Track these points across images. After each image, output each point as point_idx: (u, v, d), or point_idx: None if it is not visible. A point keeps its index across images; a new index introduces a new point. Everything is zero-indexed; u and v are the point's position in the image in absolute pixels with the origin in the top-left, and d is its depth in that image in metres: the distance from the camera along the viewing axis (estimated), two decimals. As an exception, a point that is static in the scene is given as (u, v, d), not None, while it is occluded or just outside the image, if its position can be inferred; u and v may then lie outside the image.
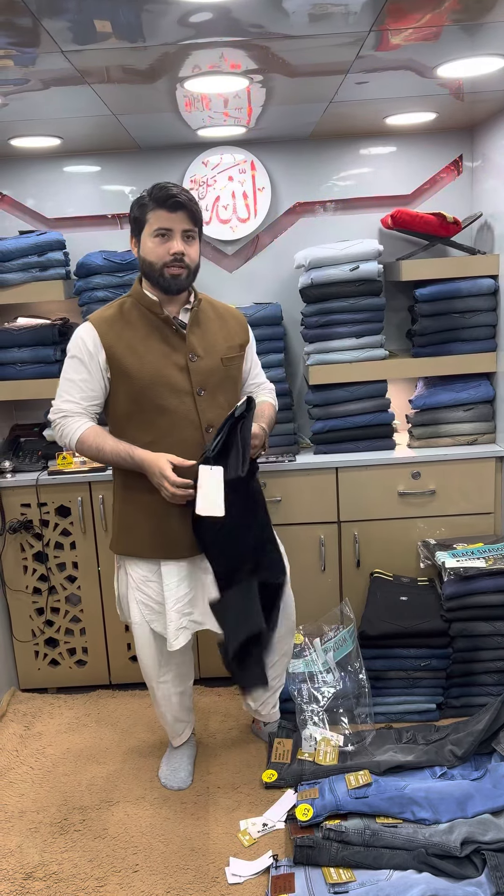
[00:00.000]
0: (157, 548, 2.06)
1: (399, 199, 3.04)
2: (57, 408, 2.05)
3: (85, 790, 2.34)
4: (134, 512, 2.06)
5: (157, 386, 1.98)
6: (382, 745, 2.34)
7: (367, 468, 2.74)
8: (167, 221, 1.95)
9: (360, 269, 2.70)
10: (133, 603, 2.11)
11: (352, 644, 2.47)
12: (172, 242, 1.96)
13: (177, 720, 2.31)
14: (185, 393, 2.00)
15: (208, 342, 2.07)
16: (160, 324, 2.01)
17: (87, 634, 2.87)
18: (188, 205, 1.95)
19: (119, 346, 1.99)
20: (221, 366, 2.08)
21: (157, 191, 1.96)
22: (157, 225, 1.95)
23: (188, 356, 2.01)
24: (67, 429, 2.02)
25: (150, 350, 1.99)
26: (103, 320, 2.03)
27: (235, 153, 2.98)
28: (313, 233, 3.04)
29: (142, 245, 2.00)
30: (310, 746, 2.35)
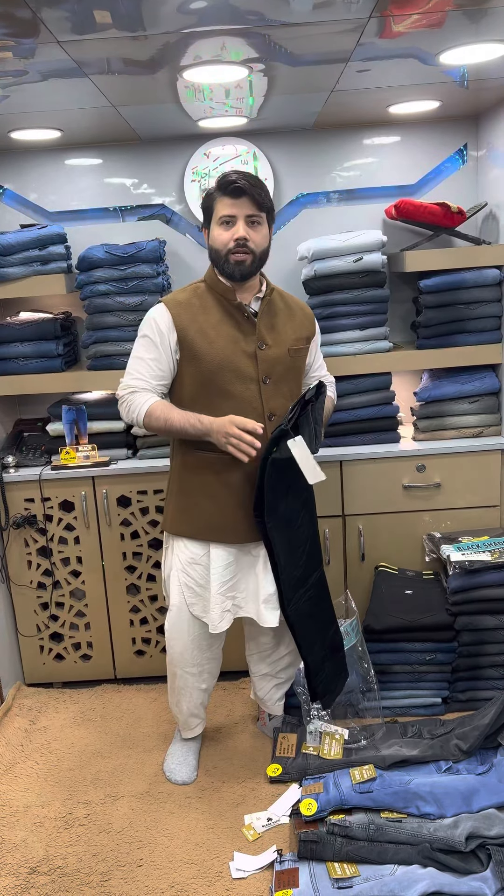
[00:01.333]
0: (210, 530, 2.09)
1: (403, 190, 3.01)
2: (125, 384, 2.09)
3: (90, 785, 2.35)
4: (192, 493, 2.09)
5: (225, 371, 2.02)
6: (388, 740, 2.34)
7: (371, 461, 2.73)
8: (230, 208, 1.99)
9: (363, 261, 2.69)
10: (175, 584, 2.14)
11: (355, 637, 2.46)
12: (236, 227, 2.00)
13: (191, 714, 2.32)
14: (251, 380, 2.04)
15: (277, 332, 2.10)
16: (232, 310, 2.05)
17: (91, 629, 2.87)
18: (250, 190, 1.99)
19: (191, 329, 2.02)
20: (288, 356, 2.11)
21: (221, 178, 2.02)
22: (221, 212, 2.01)
23: (258, 344, 2.05)
24: (135, 403, 2.05)
25: (220, 335, 2.03)
26: (177, 303, 2.06)
27: (237, 144, 2.96)
28: (316, 224, 3.02)
29: (210, 235, 2.06)
30: (314, 740, 2.35)
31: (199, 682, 2.25)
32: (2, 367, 2.80)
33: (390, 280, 2.96)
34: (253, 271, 2.06)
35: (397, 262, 2.85)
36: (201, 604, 2.13)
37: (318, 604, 2.16)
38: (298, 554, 2.09)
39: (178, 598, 2.14)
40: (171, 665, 2.24)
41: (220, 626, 2.12)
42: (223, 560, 2.10)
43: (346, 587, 2.80)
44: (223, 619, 2.12)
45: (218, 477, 2.07)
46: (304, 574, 2.10)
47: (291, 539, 2.07)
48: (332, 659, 2.20)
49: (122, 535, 2.79)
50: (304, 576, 2.11)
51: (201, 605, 2.13)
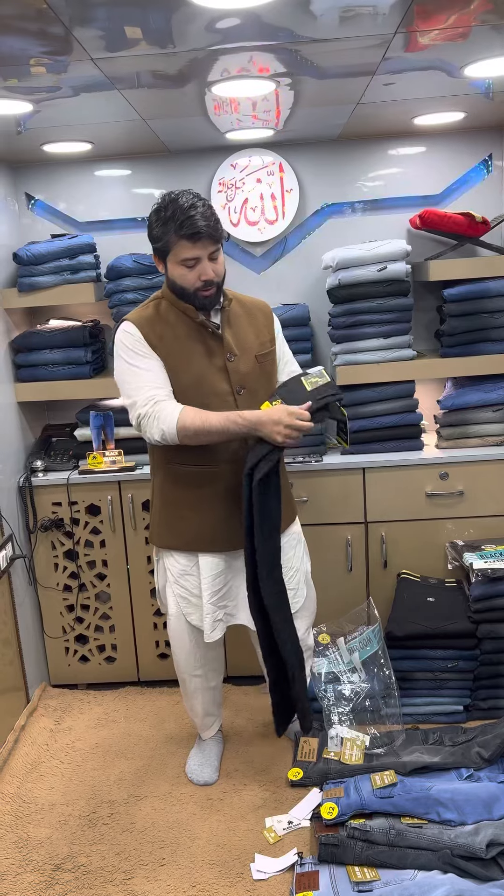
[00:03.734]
0: (197, 541, 2.09)
1: (428, 200, 3.02)
2: (142, 399, 1.95)
3: (113, 784, 2.38)
4: (177, 506, 2.09)
5: (201, 386, 2.01)
6: (409, 746, 2.34)
7: (394, 469, 2.74)
8: (191, 251, 1.94)
9: (387, 270, 2.70)
10: (171, 596, 2.16)
11: (377, 644, 2.46)
12: (201, 267, 1.96)
13: (207, 714, 2.35)
14: (226, 393, 2.03)
15: (241, 340, 2.09)
16: (197, 326, 2.04)
17: (116, 631, 2.91)
18: (211, 232, 1.93)
19: (162, 348, 2.00)
20: (257, 363, 2.11)
21: (179, 223, 1.91)
22: (182, 256, 1.95)
23: (226, 357, 2.04)
24: (163, 413, 1.93)
25: (190, 351, 2.02)
26: (144, 320, 2.03)
27: (264, 155, 2.99)
28: (341, 234, 3.04)
29: (170, 270, 2.01)
30: (336, 745, 2.36)
31: (207, 682, 2.28)
32: (32, 373, 2.86)
33: (414, 289, 2.97)
34: (219, 298, 2.04)
35: (421, 272, 2.86)
36: (197, 612, 2.14)
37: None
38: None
39: (174, 609, 2.17)
40: (179, 672, 2.28)
41: (212, 636, 2.13)
42: (212, 569, 2.10)
43: (368, 594, 2.80)
44: (215, 629, 2.13)
45: (201, 490, 2.05)
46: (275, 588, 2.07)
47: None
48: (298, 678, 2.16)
49: (146, 539, 2.82)
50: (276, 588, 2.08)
51: (197, 613, 2.14)
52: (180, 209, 1.92)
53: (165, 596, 2.19)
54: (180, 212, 1.92)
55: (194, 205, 1.94)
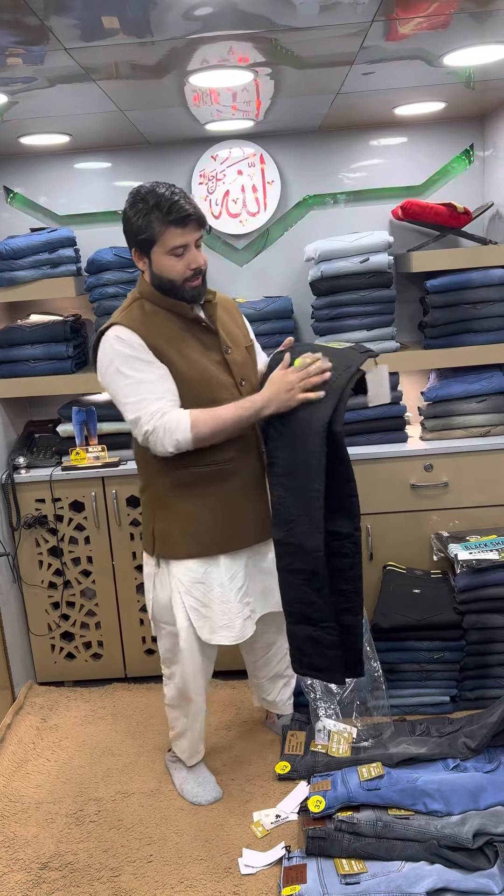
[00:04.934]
0: (216, 544, 2.03)
1: (410, 190, 3.02)
2: (147, 415, 1.88)
3: (100, 782, 2.37)
4: (191, 512, 2.00)
5: (210, 383, 1.96)
6: (396, 738, 2.34)
7: (379, 461, 2.74)
8: (181, 237, 1.88)
9: (370, 261, 2.69)
10: (180, 609, 2.04)
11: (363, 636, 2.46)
12: (190, 255, 1.91)
13: (200, 738, 2.27)
14: (231, 386, 2.00)
15: (230, 333, 2.07)
16: (189, 323, 1.98)
17: (102, 628, 2.89)
18: (199, 215, 1.91)
19: (166, 348, 1.92)
20: (248, 355, 2.09)
21: (165, 210, 1.86)
22: (173, 244, 1.88)
23: (223, 350, 2.01)
24: (173, 423, 1.87)
25: (192, 349, 1.96)
26: (139, 322, 1.93)
27: (244, 147, 2.97)
28: (323, 225, 3.03)
29: (155, 263, 1.92)
30: (323, 738, 2.36)
31: (204, 704, 2.21)
32: (13, 369, 2.83)
33: (397, 280, 2.97)
34: (205, 289, 2.00)
35: (404, 263, 2.86)
36: (207, 625, 2.06)
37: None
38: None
39: (185, 622, 2.05)
40: (185, 692, 2.14)
41: (245, 634, 2.07)
42: (231, 570, 2.05)
43: (355, 586, 2.81)
44: (245, 627, 2.07)
45: (216, 488, 1.99)
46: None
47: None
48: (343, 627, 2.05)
49: (131, 535, 2.81)
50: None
51: (208, 626, 2.06)
52: (163, 197, 1.88)
53: (173, 609, 2.06)
54: (164, 199, 1.87)
55: (174, 191, 1.90)
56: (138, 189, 1.93)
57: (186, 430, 1.88)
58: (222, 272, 3.10)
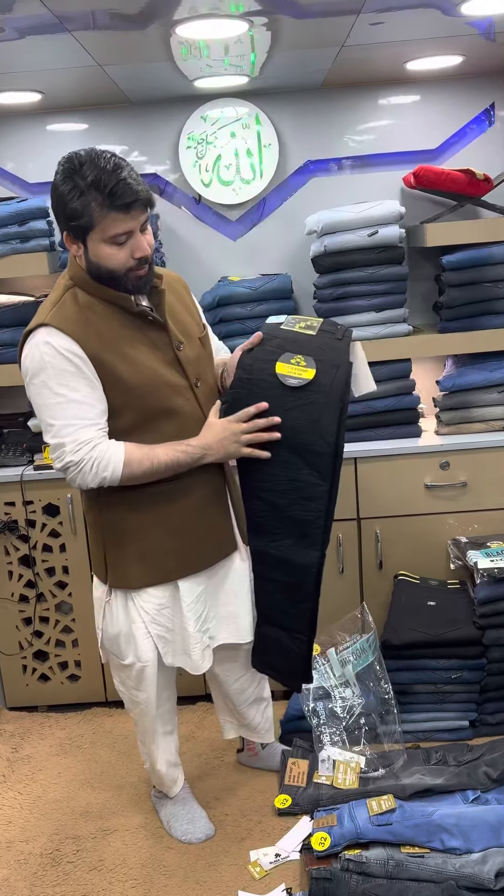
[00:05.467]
0: (179, 567, 2.03)
1: (423, 155, 3.02)
2: (73, 442, 1.83)
3: (79, 818, 2.37)
4: (148, 535, 1.99)
5: (161, 387, 1.91)
6: (409, 767, 2.35)
7: (389, 458, 2.74)
8: (125, 224, 1.78)
9: (379, 235, 2.70)
10: (144, 640, 2.04)
11: (372, 655, 2.47)
12: (134, 243, 1.82)
13: (171, 765, 2.27)
14: (185, 389, 1.96)
15: (181, 324, 2.01)
16: (132, 318, 1.91)
17: (79, 646, 2.90)
18: (148, 197, 1.82)
19: (105, 353, 1.85)
20: (202, 348, 2.05)
21: (108, 191, 1.74)
22: (114, 231, 1.78)
23: (174, 346, 1.95)
24: (104, 459, 1.84)
25: (137, 350, 1.90)
26: (72, 322, 1.83)
27: (238, 106, 2.97)
28: (326, 194, 3.04)
29: (92, 250, 1.82)
30: (327, 769, 2.37)
31: (166, 726, 2.21)
32: (-22, 356, 2.83)
33: (409, 256, 2.97)
34: (151, 277, 1.90)
35: (417, 236, 2.86)
36: (172, 649, 2.07)
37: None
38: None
39: (151, 654, 2.04)
40: (144, 722, 2.16)
41: (203, 666, 2.08)
42: (193, 593, 2.05)
43: (363, 599, 2.82)
44: (204, 658, 2.08)
45: (172, 506, 1.97)
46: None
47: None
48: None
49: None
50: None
51: (172, 649, 2.07)
52: (104, 173, 1.74)
53: (135, 643, 2.05)
54: (106, 176, 1.74)
55: (119, 165, 1.76)
56: (71, 158, 1.79)
57: (118, 468, 1.85)
58: (213, 247, 3.10)
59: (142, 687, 2.10)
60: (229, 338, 2.75)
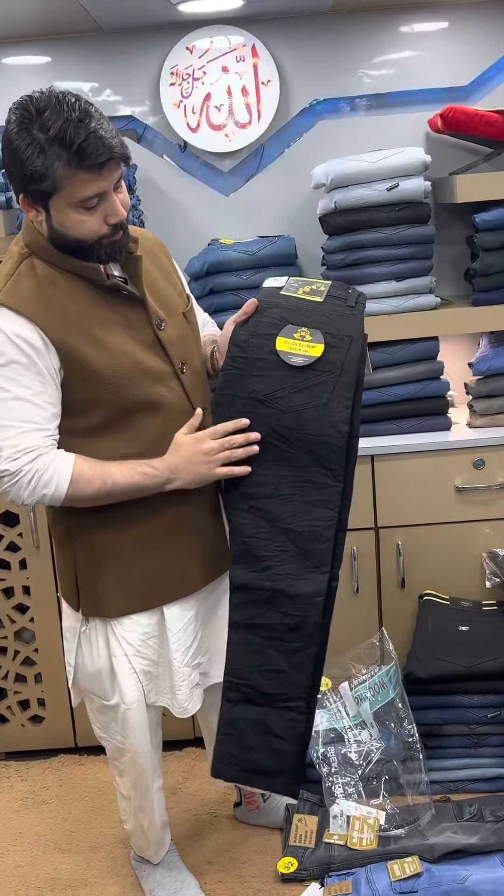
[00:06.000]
0: (165, 591, 2.01)
1: (453, 93, 3.01)
2: (14, 449, 1.80)
3: (44, 887, 2.36)
4: (127, 556, 1.98)
5: (139, 377, 1.88)
6: (438, 824, 2.35)
7: (413, 455, 2.74)
8: (96, 184, 1.74)
9: (400, 188, 2.68)
10: (128, 677, 2.02)
11: (393, 690, 2.47)
12: (107, 206, 1.79)
13: (163, 825, 2.25)
14: (169, 376, 1.94)
15: (162, 297, 1.98)
16: (103, 292, 1.88)
17: (43, 682, 2.89)
18: (122, 151, 1.77)
19: (71, 337, 1.82)
20: (186, 324, 2.02)
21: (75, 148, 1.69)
22: (83, 194, 1.74)
23: (154, 325, 1.92)
24: (47, 471, 1.81)
25: (110, 331, 1.87)
26: (31, 301, 1.80)
27: (231, 35, 2.97)
28: (337, 140, 3.03)
29: (56, 217, 1.78)
30: (340, 826, 2.36)
31: (158, 780, 2.20)
32: None
33: (436, 214, 2.96)
34: (127, 242, 1.87)
35: (445, 190, 2.85)
36: (156, 685, 2.06)
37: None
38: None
39: (135, 693, 2.03)
40: (131, 774, 2.14)
41: (190, 708, 2.06)
42: (181, 620, 2.03)
43: (381, 624, 2.81)
44: (193, 698, 2.06)
45: (156, 517, 1.96)
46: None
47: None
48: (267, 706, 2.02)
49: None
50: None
51: (156, 686, 2.06)
52: (70, 124, 1.68)
53: (107, 678, 2.03)
54: (72, 128, 1.68)
55: (87, 112, 1.71)
56: (26, 104, 1.72)
57: (62, 485, 1.82)
58: (201, 204, 3.09)
59: (129, 732, 2.08)
60: (221, 313, 2.74)
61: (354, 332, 1.93)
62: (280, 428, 1.92)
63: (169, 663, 2.04)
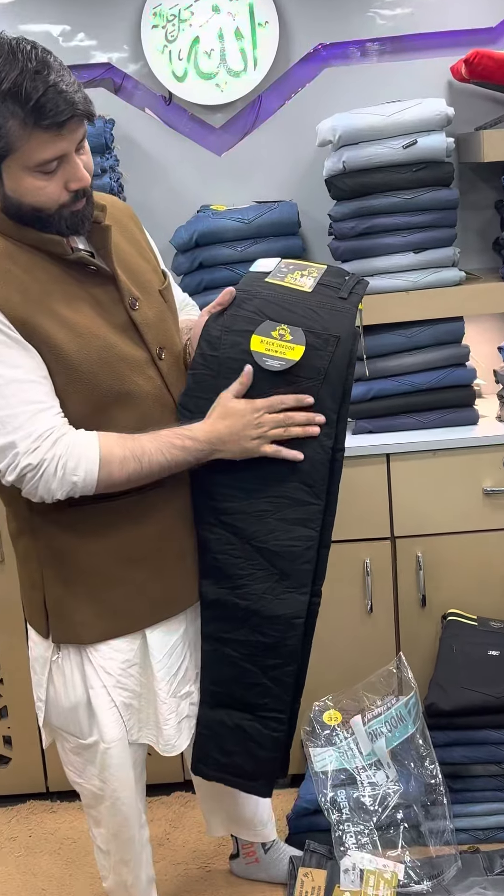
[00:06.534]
0: (149, 611, 2.01)
1: (479, 36, 3.03)
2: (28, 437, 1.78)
3: None
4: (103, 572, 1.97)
5: (112, 364, 1.88)
6: (465, 878, 2.37)
7: (434, 454, 2.75)
8: (56, 145, 1.74)
9: (418, 146, 2.69)
10: (107, 711, 2.02)
11: (413, 725, 2.47)
12: (69, 169, 1.79)
13: (150, 879, 2.25)
14: (145, 363, 1.94)
15: (134, 272, 1.98)
16: (68, 268, 1.88)
17: (10, 717, 2.90)
18: (87, 107, 1.77)
19: (36, 316, 1.81)
20: (164, 303, 2.02)
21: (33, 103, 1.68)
22: (41, 157, 1.74)
23: (127, 304, 1.93)
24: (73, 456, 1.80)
25: (77, 312, 1.87)
26: None
27: (222, -31, 2.98)
28: (345, 91, 3.03)
29: (10, 183, 1.79)
30: (352, 882, 2.36)
31: (143, 830, 2.20)
32: None
33: (460, 175, 2.98)
34: (91, 210, 1.88)
35: (471, 148, 2.87)
36: (139, 720, 2.06)
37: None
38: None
39: (116, 730, 2.02)
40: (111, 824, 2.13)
41: (178, 745, 2.06)
42: (165, 645, 2.04)
43: (399, 648, 2.82)
44: (181, 733, 2.06)
45: (137, 528, 1.96)
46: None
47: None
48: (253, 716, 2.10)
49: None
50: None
51: (138, 720, 2.06)
52: (26, 76, 1.67)
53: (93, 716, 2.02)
54: (29, 81, 1.67)
55: (46, 63, 1.70)
56: None
57: (92, 471, 1.81)
58: (189, 165, 3.10)
59: (109, 775, 2.07)
60: (212, 290, 2.76)
61: (343, 330, 1.92)
62: None
63: (153, 694, 2.04)
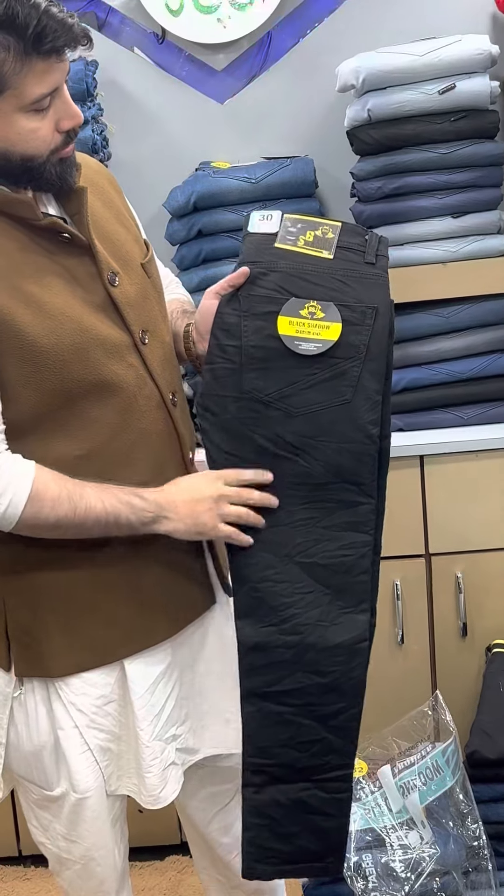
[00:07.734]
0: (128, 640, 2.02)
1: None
2: None
3: None
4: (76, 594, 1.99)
5: (89, 348, 1.90)
6: None
7: (476, 455, 2.75)
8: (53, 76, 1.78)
9: (457, 91, 2.70)
10: (79, 756, 2.03)
11: (452, 777, 2.48)
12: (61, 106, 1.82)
13: None
14: (125, 348, 1.95)
15: (114, 243, 2.00)
16: (37, 236, 1.90)
17: (-24, 767, 2.91)
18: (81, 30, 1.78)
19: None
20: (147, 279, 2.03)
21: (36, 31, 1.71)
22: (39, 91, 1.77)
23: (106, 279, 1.94)
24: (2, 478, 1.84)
25: (46, 288, 1.89)
26: None
27: None
28: (368, 26, 3.04)
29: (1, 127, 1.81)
30: None
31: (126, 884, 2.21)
32: None
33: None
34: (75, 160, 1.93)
35: (519, 93, 2.86)
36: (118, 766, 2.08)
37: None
38: None
39: (91, 778, 2.03)
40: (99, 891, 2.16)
41: (163, 797, 2.05)
42: (147, 678, 2.04)
43: (435, 686, 2.84)
44: (166, 782, 2.05)
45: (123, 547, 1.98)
46: None
47: None
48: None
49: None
50: None
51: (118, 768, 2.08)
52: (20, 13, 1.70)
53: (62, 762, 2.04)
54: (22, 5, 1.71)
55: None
56: None
57: (18, 504, 1.83)
58: (187, 114, 3.12)
59: (78, 833, 2.08)
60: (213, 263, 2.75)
61: (379, 300, 1.93)
62: (290, 435, 1.94)
63: (134, 736, 2.04)
